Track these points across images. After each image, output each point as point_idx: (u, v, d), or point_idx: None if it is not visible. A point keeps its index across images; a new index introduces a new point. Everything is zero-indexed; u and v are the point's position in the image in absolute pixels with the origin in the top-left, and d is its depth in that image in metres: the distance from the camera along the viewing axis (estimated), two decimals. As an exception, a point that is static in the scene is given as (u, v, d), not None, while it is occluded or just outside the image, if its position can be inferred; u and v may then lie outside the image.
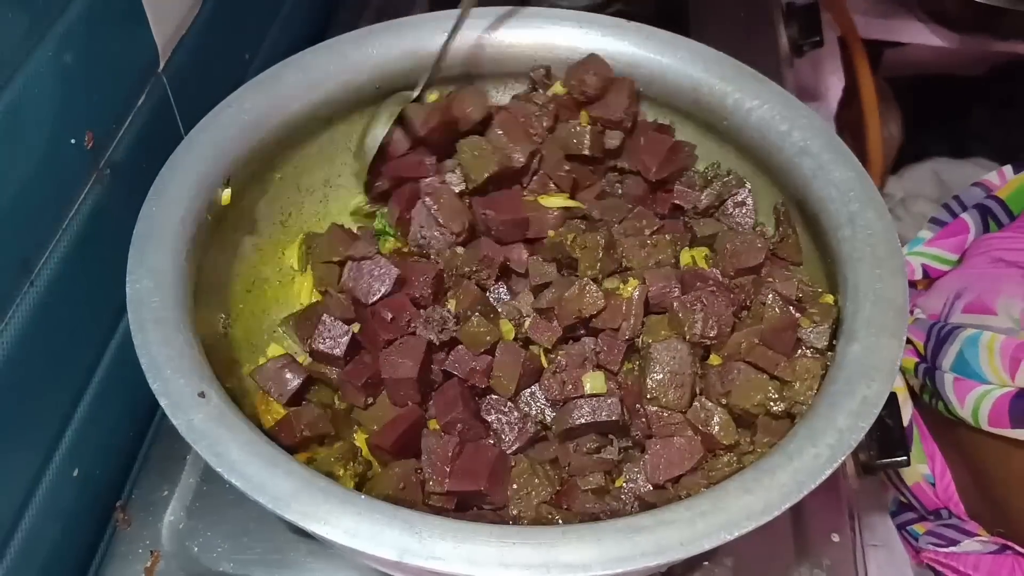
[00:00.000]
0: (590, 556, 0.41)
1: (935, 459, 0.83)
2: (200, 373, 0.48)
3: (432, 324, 0.56)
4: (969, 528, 0.80)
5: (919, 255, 0.91)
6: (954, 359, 0.76)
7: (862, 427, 0.46)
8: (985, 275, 0.82)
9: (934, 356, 0.79)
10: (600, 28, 0.67)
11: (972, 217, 0.90)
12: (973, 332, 0.76)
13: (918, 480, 0.83)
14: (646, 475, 0.52)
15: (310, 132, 0.65)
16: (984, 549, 0.76)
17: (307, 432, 0.53)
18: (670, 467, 0.52)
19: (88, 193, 0.55)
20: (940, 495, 0.83)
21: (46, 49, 0.49)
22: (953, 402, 0.76)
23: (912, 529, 0.83)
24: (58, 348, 0.54)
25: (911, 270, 0.91)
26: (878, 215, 0.56)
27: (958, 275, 0.87)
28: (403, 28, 0.67)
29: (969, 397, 0.74)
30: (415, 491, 0.52)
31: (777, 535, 0.59)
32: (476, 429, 0.54)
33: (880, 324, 0.50)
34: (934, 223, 0.93)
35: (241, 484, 0.43)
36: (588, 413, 0.53)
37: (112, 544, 0.59)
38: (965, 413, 0.74)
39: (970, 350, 0.75)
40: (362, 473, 0.53)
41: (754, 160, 0.64)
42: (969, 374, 0.75)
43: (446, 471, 0.51)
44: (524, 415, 0.55)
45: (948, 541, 0.79)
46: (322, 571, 0.58)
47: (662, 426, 0.53)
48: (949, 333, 0.78)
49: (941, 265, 0.90)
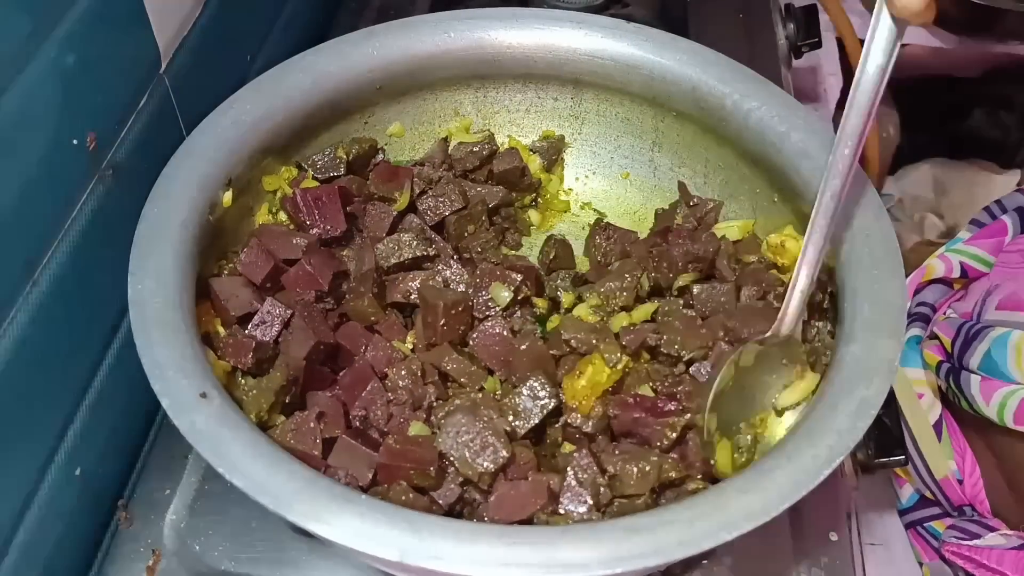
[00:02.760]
0: (589, 556, 0.42)
1: (964, 456, 0.83)
2: (201, 374, 0.48)
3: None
4: (993, 524, 0.80)
5: (958, 253, 0.91)
6: (982, 358, 0.76)
7: (860, 428, 0.46)
8: (1018, 273, 0.83)
9: (961, 354, 0.79)
10: (600, 29, 0.68)
11: (1012, 219, 0.90)
12: (1003, 331, 0.76)
13: (946, 475, 0.83)
14: (488, 514, 0.51)
15: (311, 133, 0.66)
16: (1008, 544, 0.76)
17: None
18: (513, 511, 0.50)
19: (90, 194, 0.55)
20: (967, 491, 0.83)
21: (48, 51, 0.49)
22: (978, 401, 0.76)
23: (931, 526, 0.83)
24: (60, 348, 0.54)
25: (949, 267, 0.90)
26: (876, 216, 0.56)
27: (991, 275, 0.87)
28: (403, 28, 0.67)
29: (995, 396, 0.75)
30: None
31: (776, 535, 0.59)
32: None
33: (878, 325, 0.51)
34: (974, 224, 0.93)
35: (243, 484, 0.43)
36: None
37: (114, 543, 0.59)
38: (990, 412, 0.75)
39: (998, 350, 0.75)
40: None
41: (753, 161, 0.64)
42: (996, 374, 0.75)
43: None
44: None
45: (971, 535, 0.79)
46: (323, 570, 0.58)
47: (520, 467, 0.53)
48: (979, 332, 0.78)
49: (979, 265, 0.90)
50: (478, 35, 0.68)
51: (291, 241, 0.60)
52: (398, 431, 0.55)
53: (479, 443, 0.52)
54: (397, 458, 0.51)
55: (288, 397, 0.54)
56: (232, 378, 0.54)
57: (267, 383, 0.53)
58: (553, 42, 0.68)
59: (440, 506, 0.51)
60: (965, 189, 1.24)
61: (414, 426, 0.55)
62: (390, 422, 0.56)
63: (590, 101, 0.71)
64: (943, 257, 0.91)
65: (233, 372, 0.54)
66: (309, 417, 0.52)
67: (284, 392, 0.53)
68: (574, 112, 0.73)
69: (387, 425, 0.56)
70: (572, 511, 0.51)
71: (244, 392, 0.53)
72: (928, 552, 0.82)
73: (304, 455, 0.51)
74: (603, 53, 0.67)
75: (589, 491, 0.51)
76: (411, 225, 0.65)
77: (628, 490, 0.52)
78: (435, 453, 0.52)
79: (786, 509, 0.43)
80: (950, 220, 1.23)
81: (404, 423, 0.55)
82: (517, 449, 0.53)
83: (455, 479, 0.52)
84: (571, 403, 0.56)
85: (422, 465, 0.51)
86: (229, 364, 0.54)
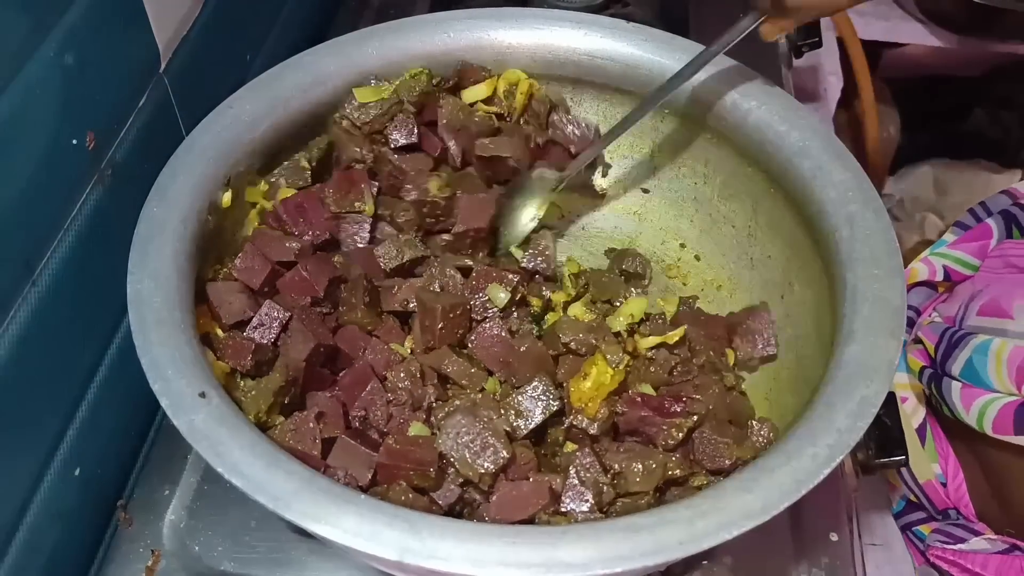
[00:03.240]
0: (590, 555, 0.42)
1: (947, 459, 0.83)
2: (200, 374, 0.48)
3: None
4: (977, 528, 0.80)
5: (942, 256, 0.90)
6: (963, 365, 0.76)
7: (860, 427, 0.46)
8: (1001, 279, 0.83)
9: (943, 360, 0.79)
10: (599, 29, 0.68)
11: (996, 223, 0.89)
12: (984, 339, 0.76)
13: (930, 478, 0.84)
14: (489, 515, 0.51)
15: (311, 133, 0.66)
16: (992, 548, 0.76)
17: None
18: (514, 511, 0.51)
19: (89, 194, 0.55)
20: (951, 495, 0.83)
21: (47, 50, 0.49)
22: (959, 408, 0.76)
23: (918, 530, 0.83)
24: (60, 348, 0.54)
25: (932, 271, 0.90)
26: (876, 216, 0.56)
27: (974, 279, 0.87)
28: (403, 28, 0.67)
29: (975, 404, 0.75)
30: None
31: (776, 534, 0.59)
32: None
33: (878, 324, 0.51)
34: (958, 227, 0.93)
35: (242, 484, 0.43)
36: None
37: (113, 543, 0.59)
38: (971, 419, 0.75)
39: (979, 357, 0.75)
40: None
41: (753, 161, 0.64)
42: (977, 382, 0.75)
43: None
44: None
45: (956, 539, 0.79)
46: (323, 570, 0.58)
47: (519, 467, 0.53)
48: (961, 339, 0.78)
49: (963, 269, 0.90)
50: (478, 35, 0.68)
51: (286, 245, 0.60)
52: (398, 431, 0.55)
53: (479, 444, 0.52)
54: (397, 458, 0.51)
55: (287, 398, 0.54)
56: (231, 379, 0.54)
57: (266, 384, 0.53)
58: (553, 42, 0.68)
59: (440, 507, 0.51)
60: (965, 189, 1.24)
61: (414, 427, 0.55)
62: (390, 423, 0.56)
63: (590, 101, 0.71)
64: (926, 260, 0.91)
65: (232, 373, 0.54)
66: (308, 417, 0.52)
67: (283, 393, 0.53)
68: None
69: (387, 425, 0.56)
70: (574, 510, 0.51)
71: (243, 393, 0.53)
72: (916, 556, 0.82)
73: (303, 455, 0.51)
74: (603, 53, 0.67)
75: (591, 491, 0.51)
76: (384, 231, 0.65)
77: (633, 487, 0.52)
78: (435, 454, 0.52)
79: (786, 508, 0.43)
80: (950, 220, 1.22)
81: (404, 423, 0.55)
82: (518, 450, 0.53)
83: (455, 480, 0.52)
84: (576, 405, 0.56)
85: (422, 466, 0.51)
86: (228, 366, 0.54)
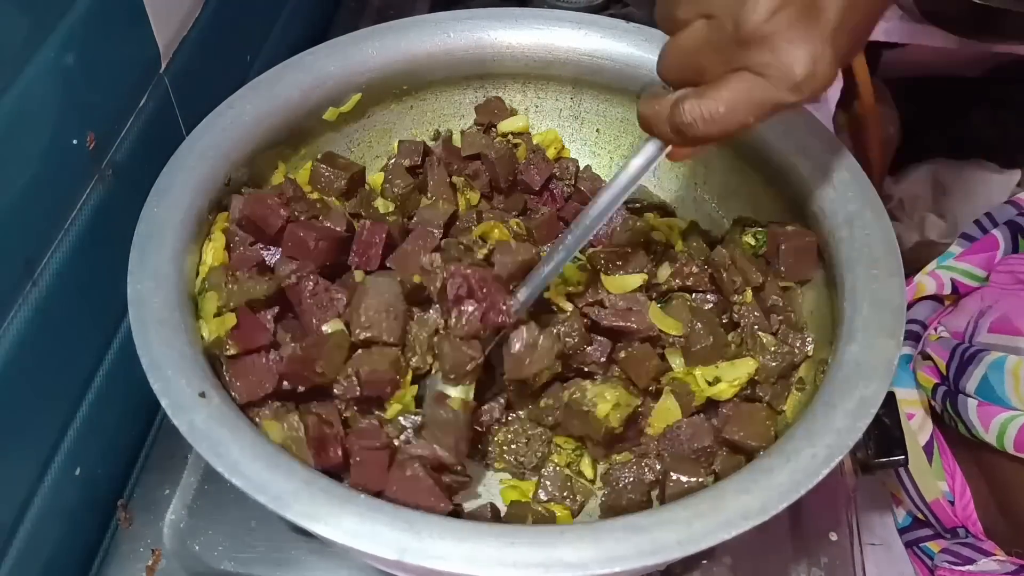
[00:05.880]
0: (589, 555, 0.42)
1: (955, 477, 0.82)
2: (201, 373, 0.48)
3: None
4: (986, 548, 0.79)
5: (949, 269, 0.90)
6: (979, 383, 0.76)
7: (859, 427, 0.46)
8: (1011, 295, 0.82)
9: (956, 378, 0.79)
10: (599, 29, 0.68)
11: (1003, 234, 0.89)
12: (999, 356, 0.76)
13: (937, 497, 0.83)
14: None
15: (311, 133, 0.66)
16: (1001, 569, 0.75)
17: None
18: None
19: (90, 194, 0.55)
20: (959, 513, 0.82)
21: (48, 50, 0.49)
22: (977, 426, 0.75)
23: (926, 547, 0.83)
24: (60, 348, 0.54)
25: (940, 284, 0.89)
26: (876, 216, 0.56)
27: (982, 293, 0.86)
28: (403, 29, 0.67)
29: (994, 422, 0.74)
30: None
31: (775, 534, 0.59)
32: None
33: (877, 324, 0.51)
34: (964, 238, 0.92)
35: (242, 484, 0.43)
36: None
37: (114, 543, 0.59)
38: (990, 437, 0.74)
39: (995, 375, 0.75)
40: None
41: (752, 161, 0.64)
42: (994, 399, 0.75)
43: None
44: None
45: (964, 560, 0.78)
46: (323, 570, 0.58)
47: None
48: (974, 356, 0.78)
49: (970, 281, 0.89)
50: (478, 35, 0.68)
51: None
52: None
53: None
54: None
55: (266, 311, 0.54)
56: (225, 272, 0.55)
57: (251, 285, 0.54)
58: (553, 42, 0.68)
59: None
60: (965, 189, 1.24)
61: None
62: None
63: (590, 101, 0.71)
64: (934, 274, 0.90)
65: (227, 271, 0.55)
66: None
67: (261, 305, 0.54)
68: (574, 112, 0.73)
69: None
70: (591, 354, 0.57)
71: (229, 283, 0.53)
72: (924, 573, 0.81)
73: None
74: (603, 53, 0.67)
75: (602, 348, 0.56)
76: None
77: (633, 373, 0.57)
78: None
79: (785, 508, 0.43)
80: (950, 220, 1.23)
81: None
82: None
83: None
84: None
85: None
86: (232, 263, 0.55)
